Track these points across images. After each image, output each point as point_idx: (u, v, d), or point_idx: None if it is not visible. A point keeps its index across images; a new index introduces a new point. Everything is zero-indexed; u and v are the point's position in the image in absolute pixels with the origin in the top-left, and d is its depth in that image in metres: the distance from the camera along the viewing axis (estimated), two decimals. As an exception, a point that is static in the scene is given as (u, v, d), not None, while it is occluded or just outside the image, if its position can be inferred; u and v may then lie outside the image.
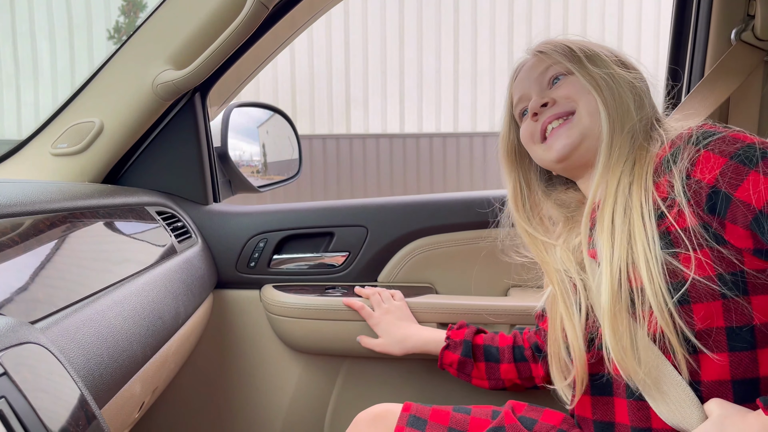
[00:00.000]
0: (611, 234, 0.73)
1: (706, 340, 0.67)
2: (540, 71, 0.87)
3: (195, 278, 1.09)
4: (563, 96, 0.83)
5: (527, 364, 1.04)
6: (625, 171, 0.76)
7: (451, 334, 1.09)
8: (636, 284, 0.70)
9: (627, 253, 0.71)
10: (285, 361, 1.28)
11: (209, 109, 1.31)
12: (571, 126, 0.82)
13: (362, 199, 1.31)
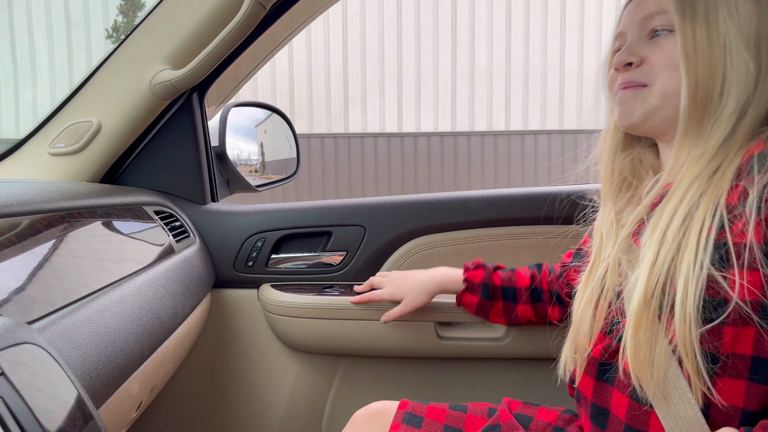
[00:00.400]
0: (662, 238, 0.67)
1: (726, 365, 0.63)
2: (644, 15, 0.75)
3: (193, 277, 1.09)
4: (648, 62, 0.74)
5: (543, 305, 1.06)
6: (704, 174, 0.67)
7: (469, 276, 1.09)
8: (670, 292, 0.65)
9: (671, 262, 0.65)
10: (283, 359, 1.28)
11: (207, 108, 1.31)
12: (636, 98, 0.75)
13: (360, 199, 1.31)
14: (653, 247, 0.67)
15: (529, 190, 1.29)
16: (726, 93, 0.68)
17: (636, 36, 0.76)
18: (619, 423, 0.72)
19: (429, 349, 1.19)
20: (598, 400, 0.74)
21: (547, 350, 1.17)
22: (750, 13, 0.69)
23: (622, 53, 0.76)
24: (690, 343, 0.62)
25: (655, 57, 0.73)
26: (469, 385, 1.24)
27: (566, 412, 0.89)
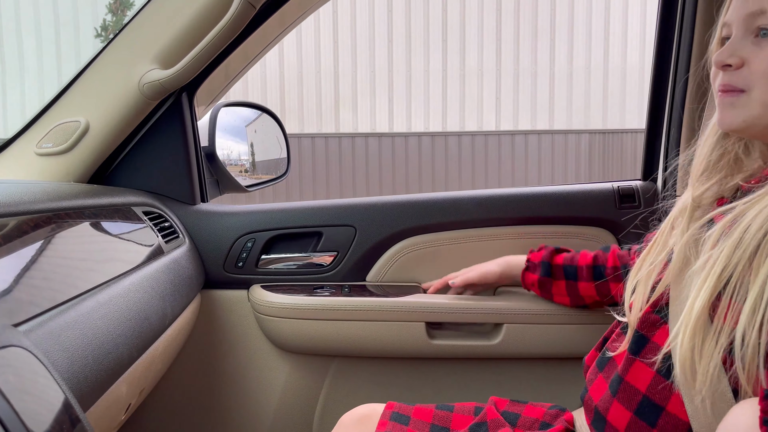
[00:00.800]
0: (738, 241, 0.64)
1: None
2: (753, 11, 0.70)
3: (182, 278, 1.08)
4: (749, 65, 0.69)
5: (606, 283, 1.04)
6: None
7: (531, 257, 1.12)
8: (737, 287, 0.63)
9: (746, 260, 0.63)
10: (273, 360, 1.28)
11: (197, 108, 1.31)
12: (735, 106, 0.71)
13: (350, 199, 1.31)
14: (732, 240, 0.65)
15: (519, 191, 1.29)
16: None
17: (741, 32, 0.71)
18: (635, 393, 0.72)
19: (420, 350, 1.19)
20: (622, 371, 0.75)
21: (537, 349, 1.17)
22: None
23: (723, 51, 0.71)
24: (755, 339, 0.60)
25: (755, 61, 0.69)
26: (460, 385, 1.24)
27: (553, 407, 0.90)
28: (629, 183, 1.30)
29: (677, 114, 1.22)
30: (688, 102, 1.20)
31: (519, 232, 1.26)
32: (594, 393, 0.79)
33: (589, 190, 1.28)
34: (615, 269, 1.03)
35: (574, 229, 1.26)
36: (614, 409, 0.74)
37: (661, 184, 1.29)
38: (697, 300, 0.65)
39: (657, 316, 0.74)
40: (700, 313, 0.65)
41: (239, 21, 0.98)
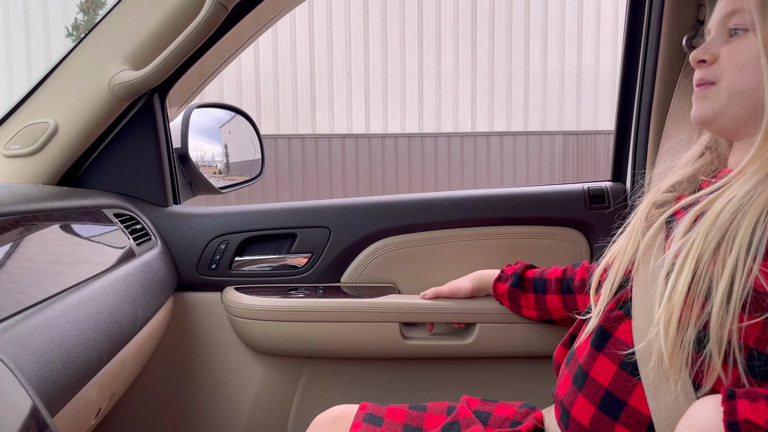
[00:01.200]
0: (707, 232, 0.67)
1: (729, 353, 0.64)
2: (726, 13, 0.76)
3: (154, 281, 1.07)
4: (719, 60, 0.75)
5: (573, 296, 1.06)
6: None
7: (505, 269, 1.14)
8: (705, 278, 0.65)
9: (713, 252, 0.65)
10: (247, 363, 1.27)
11: (169, 109, 1.30)
12: (706, 97, 0.77)
13: (325, 200, 1.31)
14: (701, 231, 0.67)
15: (492, 192, 1.30)
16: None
17: (717, 33, 0.77)
18: (599, 388, 0.73)
19: (394, 350, 1.19)
20: (585, 363, 0.76)
21: (509, 348, 1.19)
22: None
23: (698, 50, 0.78)
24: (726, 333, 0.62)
25: (724, 56, 0.75)
26: (434, 385, 1.25)
27: (523, 406, 0.91)
28: (599, 184, 1.32)
29: (645, 117, 1.25)
30: (655, 105, 1.22)
31: (492, 233, 1.28)
32: (561, 388, 0.80)
33: (560, 191, 1.30)
34: (582, 282, 1.04)
35: (546, 229, 1.28)
36: (578, 404, 0.75)
37: (630, 185, 1.31)
38: (675, 291, 0.67)
39: (620, 311, 0.75)
40: (678, 306, 0.66)
41: (211, 22, 0.98)
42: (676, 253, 0.69)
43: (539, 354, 1.18)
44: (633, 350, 0.71)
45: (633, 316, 0.73)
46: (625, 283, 0.78)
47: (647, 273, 0.75)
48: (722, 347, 0.64)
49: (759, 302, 0.63)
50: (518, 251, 1.27)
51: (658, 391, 0.68)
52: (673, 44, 1.18)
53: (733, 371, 0.64)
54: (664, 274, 0.70)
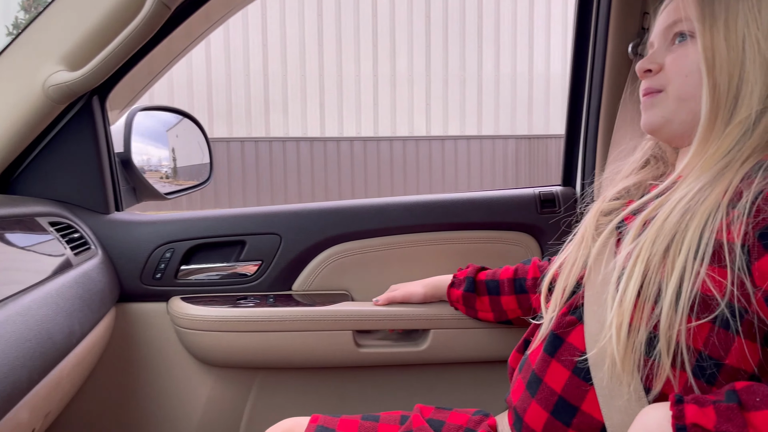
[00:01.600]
0: (660, 227, 0.67)
1: (678, 356, 0.64)
2: (669, 23, 0.77)
3: (93, 292, 1.02)
4: (665, 68, 0.76)
5: (527, 295, 1.05)
6: (711, 174, 0.68)
7: (457, 274, 1.14)
8: (654, 281, 0.66)
9: (662, 256, 0.66)
10: (195, 375, 1.23)
11: (111, 112, 1.24)
12: (655, 105, 0.78)
13: (275, 206, 1.28)
14: (650, 235, 0.67)
15: (445, 197, 1.30)
16: (742, 97, 0.69)
17: (660, 44, 0.79)
18: (552, 394, 0.73)
19: (347, 358, 1.17)
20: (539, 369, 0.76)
21: (463, 354, 1.18)
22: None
23: (643, 61, 0.79)
24: (675, 335, 0.63)
25: (670, 64, 0.76)
26: (387, 393, 1.23)
27: (477, 413, 0.90)
28: (550, 188, 1.33)
29: (593, 123, 1.27)
30: (603, 111, 1.24)
31: (445, 238, 1.27)
32: (514, 394, 0.80)
33: (511, 195, 1.30)
34: (535, 281, 1.04)
35: (498, 234, 1.28)
36: (531, 410, 0.75)
37: (579, 189, 1.33)
38: (626, 295, 0.67)
39: (572, 316, 0.76)
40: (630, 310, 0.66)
41: (153, 22, 0.94)
42: (626, 258, 0.69)
43: (493, 359, 1.18)
44: (586, 356, 0.71)
45: (585, 322, 0.73)
46: (577, 288, 0.79)
47: (598, 278, 0.75)
48: (671, 349, 0.64)
49: (706, 305, 0.64)
50: (471, 256, 1.27)
51: (611, 395, 0.68)
52: (620, 52, 1.20)
53: (681, 374, 0.65)
54: (615, 279, 0.70)
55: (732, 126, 0.69)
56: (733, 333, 0.63)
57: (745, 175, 0.66)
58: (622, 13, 1.18)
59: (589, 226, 0.81)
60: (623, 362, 0.66)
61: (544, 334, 0.78)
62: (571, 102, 1.34)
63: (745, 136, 0.69)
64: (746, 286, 0.62)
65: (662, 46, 0.78)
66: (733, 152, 0.68)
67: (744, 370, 0.64)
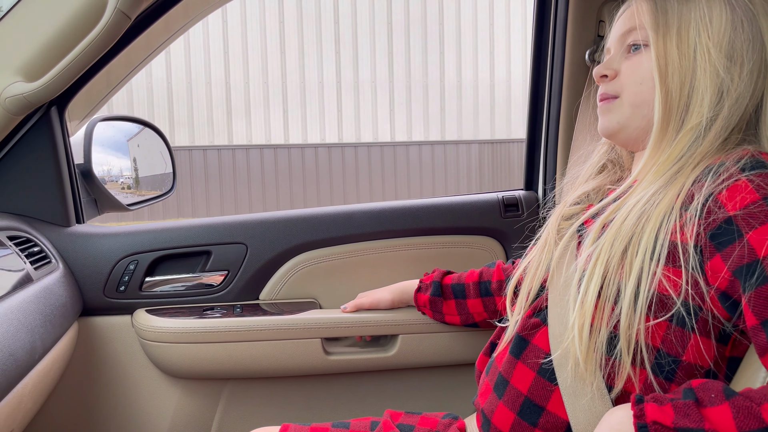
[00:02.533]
0: (618, 230, 0.70)
1: (637, 354, 0.67)
2: (624, 31, 0.80)
3: (55, 307, 1.00)
4: (620, 75, 0.79)
5: (492, 298, 1.07)
6: (665, 178, 0.71)
7: (423, 279, 1.15)
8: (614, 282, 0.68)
9: (620, 257, 0.68)
10: (161, 388, 1.21)
11: (70, 123, 1.22)
12: (611, 110, 0.80)
13: (240, 215, 1.27)
14: (608, 238, 0.70)
15: (410, 203, 1.31)
16: (694, 104, 0.72)
17: (616, 50, 0.81)
18: (518, 395, 0.74)
19: (316, 366, 1.17)
20: (505, 370, 0.77)
21: (431, 358, 1.19)
22: (723, 25, 0.72)
23: (600, 66, 0.81)
24: (635, 334, 0.66)
25: (625, 71, 0.78)
26: (357, 399, 1.24)
27: (446, 416, 0.91)
28: (512, 193, 1.36)
29: (553, 128, 1.30)
30: (562, 116, 1.27)
31: (411, 243, 1.28)
32: (482, 397, 0.81)
33: (475, 200, 1.32)
34: (500, 283, 1.06)
35: (462, 238, 1.30)
36: (499, 412, 0.76)
37: (542, 193, 1.36)
38: (586, 296, 0.69)
39: (537, 318, 0.77)
40: (591, 310, 0.68)
41: (112, 32, 0.93)
42: (587, 260, 0.72)
43: (461, 362, 1.20)
44: (550, 357, 0.73)
45: (549, 323, 0.75)
46: (541, 291, 0.80)
47: (561, 281, 0.77)
48: (631, 347, 0.66)
49: (663, 304, 0.66)
50: (437, 260, 1.28)
51: (575, 394, 0.70)
52: (577, 58, 1.24)
53: (641, 372, 0.67)
54: (577, 281, 0.72)
55: (683, 132, 0.72)
56: (689, 330, 0.66)
57: (696, 178, 0.68)
58: (578, 21, 1.22)
59: (552, 230, 0.84)
60: (586, 362, 0.68)
61: (509, 336, 0.80)
62: (532, 108, 1.37)
63: (697, 142, 0.71)
64: (700, 285, 0.65)
65: (618, 52, 0.81)
66: (685, 157, 0.71)
67: (701, 365, 0.67)
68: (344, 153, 8.69)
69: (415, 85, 8.96)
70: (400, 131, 8.96)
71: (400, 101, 8.91)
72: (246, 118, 8.51)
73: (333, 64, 8.67)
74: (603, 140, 0.91)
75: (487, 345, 0.89)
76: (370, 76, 8.80)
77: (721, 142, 0.71)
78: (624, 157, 0.89)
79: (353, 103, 8.79)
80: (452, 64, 9.02)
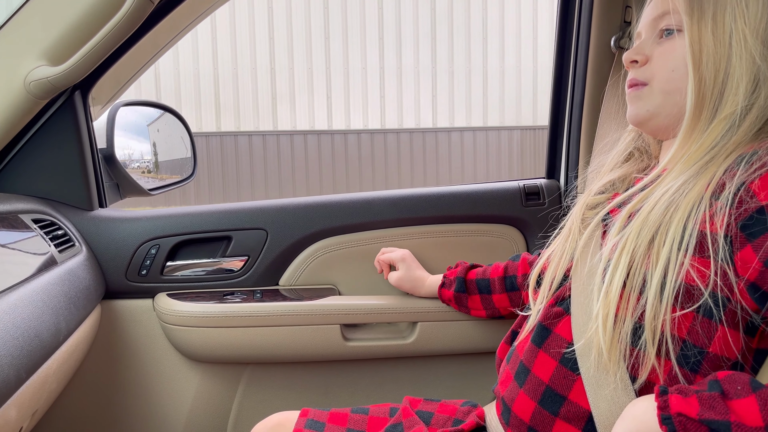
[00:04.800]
0: (646, 218, 0.68)
1: (662, 345, 0.66)
2: (657, 15, 0.77)
3: (79, 290, 1.01)
4: (651, 61, 0.77)
5: (518, 292, 1.06)
6: (695, 167, 0.69)
7: (447, 273, 1.15)
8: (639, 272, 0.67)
9: (647, 247, 0.67)
10: (182, 371, 1.22)
11: (93, 107, 1.23)
12: (641, 97, 0.78)
13: (261, 201, 1.28)
14: (635, 227, 0.68)
15: (431, 190, 1.30)
16: (728, 92, 0.70)
17: (648, 35, 0.78)
18: (539, 384, 0.74)
19: (335, 352, 1.17)
20: (527, 359, 0.77)
21: (450, 346, 1.19)
22: (760, 10, 0.70)
23: (630, 51, 0.79)
24: (660, 325, 0.65)
25: (657, 57, 0.76)
26: (376, 386, 1.24)
27: (465, 404, 0.91)
28: (534, 181, 1.34)
29: (576, 116, 1.28)
30: (586, 104, 1.25)
31: (431, 231, 1.28)
32: (502, 385, 0.81)
33: (496, 188, 1.31)
34: (525, 277, 1.04)
35: (483, 227, 1.29)
36: (519, 400, 0.76)
37: (564, 182, 1.34)
38: (611, 286, 0.68)
39: (560, 308, 0.77)
40: (616, 300, 0.67)
41: (136, 16, 0.93)
42: (612, 250, 0.70)
43: (481, 350, 1.19)
44: (573, 347, 0.72)
45: (572, 313, 0.75)
46: (564, 281, 0.80)
47: (585, 270, 0.76)
48: (656, 338, 0.65)
49: (690, 295, 0.65)
50: (457, 249, 1.28)
51: (598, 384, 0.69)
52: (602, 45, 1.21)
53: (666, 363, 0.66)
54: (601, 270, 0.71)
55: (717, 121, 0.70)
56: (717, 322, 0.65)
57: (728, 167, 0.67)
58: (604, 6, 1.19)
59: (576, 219, 0.83)
60: (609, 352, 0.67)
61: (531, 325, 0.79)
62: (555, 95, 1.35)
63: (731, 132, 0.69)
64: (729, 276, 0.63)
65: (650, 37, 0.78)
66: (717, 147, 0.69)
67: (727, 357, 0.66)
68: (386, 139, 8.78)
69: (458, 70, 8.97)
70: (442, 117, 8.99)
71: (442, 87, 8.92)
72: (290, 104, 8.62)
73: (376, 50, 8.72)
74: (630, 128, 0.89)
75: (508, 334, 0.89)
76: (413, 61, 8.84)
77: (756, 132, 0.69)
78: (652, 145, 0.87)
79: (396, 88, 8.85)
80: (495, 50, 9.00)
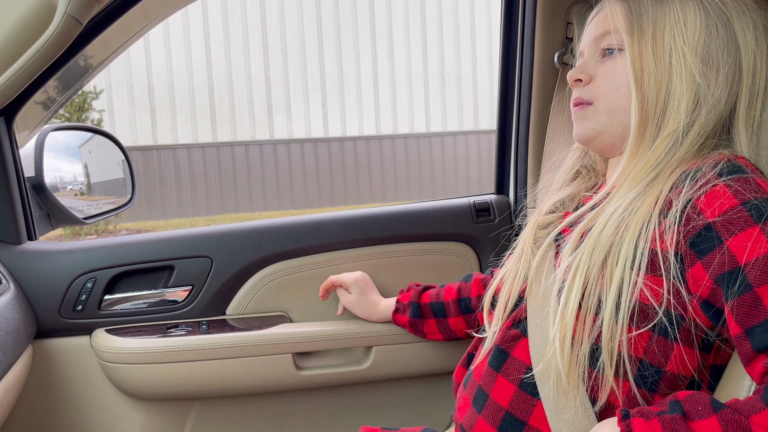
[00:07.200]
0: (597, 239, 0.68)
1: (620, 365, 0.66)
2: (598, 34, 0.78)
3: (7, 332, 0.94)
4: (594, 80, 0.77)
5: (473, 314, 1.05)
6: (642, 185, 0.70)
7: (400, 298, 1.12)
8: (594, 293, 0.67)
9: (600, 267, 0.67)
10: (124, 411, 1.15)
11: (20, 133, 1.15)
12: (586, 117, 0.78)
13: (204, 228, 1.23)
14: (587, 247, 0.68)
15: (380, 210, 1.29)
16: (670, 110, 0.71)
17: (590, 54, 0.79)
18: (499, 409, 0.73)
19: (288, 382, 1.13)
20: (485, 383, 0.75)
21: (407, 369, 1.17)
22: (698, 29, 0.71)
23: (574, 70, 0.79)
24: (617, 345, 0.64)
25: (599, 76, 0.77)
26: (331, 414, 1.20)
27: (424, 431, 0.89)
28: (484, 197, 1.34)
29: (523, 131, 1.28)
30: (532, 120, 1.26)
31: (383, 252, 1.25)
32: (460, 411, 0.79)
33: (447, 206, 1.30)
34: (479, 299, 1.04)
35: (435, 245, 1.27)
36: (479, 426, 0.74)
37: (513, 198, 1.35)
38: (567, 308, 0.67)
39: (517, 330, 0.76)
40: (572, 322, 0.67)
41: (63, 38, 0.87)
42: (566, 271, 0.70)
43: (438, 371, 1.18)
44: (532, 371, 0.71)
45: (529, 336, 0.74)
46: (519, 302, 0.79)
47: (540, 292, 0.75)
48: (613, 359, 0.65)
49: (645, 314, 0.65)
50: (409, 268, 1.26)
51: (558, 409, 0.68)
52: (546, 61, 1.22)
53: (624, 383, 0.66)
54: (556, 292, 0.71)
55: (660, 138, 0.71)
56: (672, 340, 0.65)
57: (673, 184, 0.67)
58: (546, 22, 1.20)
59: (528, 239, 0.82)
60: (568, 376, 0.67)
61: (488, 348, 0.78)
62: (501, 110, 1.35)
63: (674, 149, 0.70)
64: (682, 294, 0.64)
65: (592, 56, 0.79)
66: (662, 164, 0.70)
67: (684, 375, 0.66)
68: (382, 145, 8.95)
69: (449, 76, 9.17)
70: (435, 122, 9.23)
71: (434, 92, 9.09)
72: (286, 113, 8.66)
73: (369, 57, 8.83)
74: (575, 146, 0.90)
75: (464, 356, 0.87)
76: (406, 68, 9.02)
77: (698, 147, 0.70)
78: (598, 163, 0.88)
79: (390, 95, 9.01)
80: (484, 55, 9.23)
